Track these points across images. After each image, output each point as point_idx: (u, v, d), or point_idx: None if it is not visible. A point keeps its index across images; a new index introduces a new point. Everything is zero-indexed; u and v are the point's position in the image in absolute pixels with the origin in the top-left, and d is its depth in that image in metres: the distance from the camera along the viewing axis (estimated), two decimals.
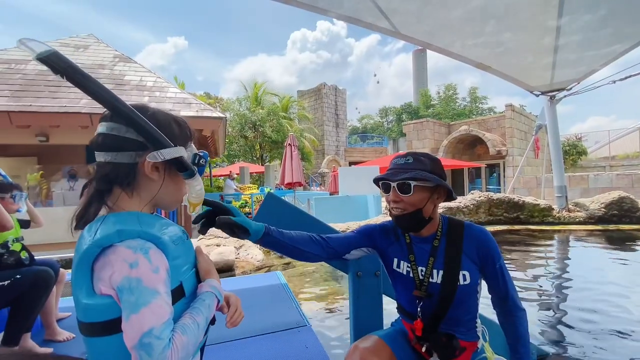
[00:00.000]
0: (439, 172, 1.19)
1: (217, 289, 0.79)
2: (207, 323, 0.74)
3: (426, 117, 22.54)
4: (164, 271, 0.68)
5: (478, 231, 1.23)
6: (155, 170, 0.74)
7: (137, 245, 0.66)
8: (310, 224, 1.72)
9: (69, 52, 8.30)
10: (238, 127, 16.41)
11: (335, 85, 26.42)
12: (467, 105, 37.11)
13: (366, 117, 50.84)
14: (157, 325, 0.61)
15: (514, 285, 1.23)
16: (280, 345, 2.25)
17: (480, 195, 7.81)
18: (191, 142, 0.81)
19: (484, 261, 1.19)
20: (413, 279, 1.23)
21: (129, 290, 0.62)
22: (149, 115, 0.75)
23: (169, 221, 0.79)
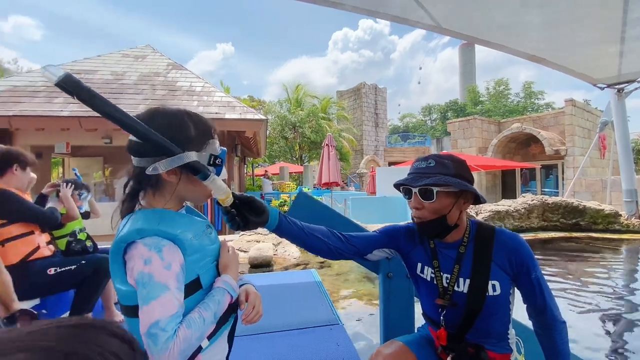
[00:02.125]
0: (465, 175, 1.10)
1: (229, 285, 0.82)
2: (216, 317, 0.77)
3: (475, 115, 21.33)
4: (177, 267, 0.73)
5: (510, 238, 1.12)
6: (173, 173, 0.79)
7: (152, 243, 0.72)
8: (340, 223, 1.73)
9: (129, 62, 9.13)
10: (278, 129, 16.88)
11: (375, 84, 25.99)
12: (520, 102, 34.49)
13: (408, 116, 49.46)
14: (164, 318, 0.68)
15: (552, 295, 1.13)
16: (312, 341, 2.29)
17: (532, 198, 7.23)
18: (211, 140, 0.82)
19: (518, 271, 1.09)
20: (437, 286, 1.17)
21: (142, 284, 0.70)
22: (161, 120, 0.79)
23: (192, 217, 0.85)
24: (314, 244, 1.15)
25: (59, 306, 2.26)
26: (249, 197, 0.99)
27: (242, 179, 12.10)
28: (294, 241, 1.14)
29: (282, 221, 1.07)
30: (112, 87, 7.87)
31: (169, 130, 0.77)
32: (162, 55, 9.86)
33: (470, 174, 1.14)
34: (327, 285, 4.15)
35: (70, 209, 2.38)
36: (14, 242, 2.04)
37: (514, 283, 1.13)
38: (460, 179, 1.08)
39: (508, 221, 7.25)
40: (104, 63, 8.84)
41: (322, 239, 1.15)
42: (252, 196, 1.01)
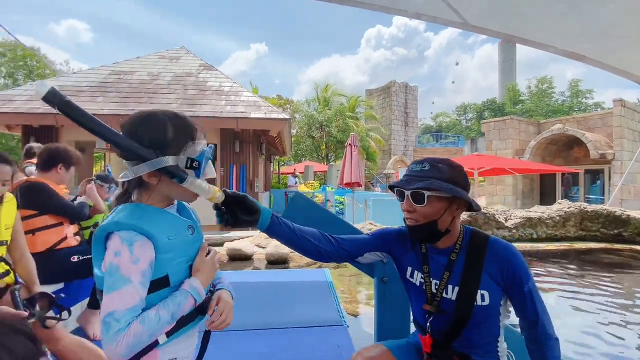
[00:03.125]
0: (459, 181, 1.08)
1: (195, 289, 0.82)
2: (173, 318, 0.78)
3: (513, 114, 20.22)
4: (144, 263, 0.75)
5: (503, 248, 1.09)
6: (153, 176, 0.81)
7: (126, 236, 0.75)
8: (335, 225, 1.73)
9: (165, 63, 9.63)
10: (305, 128, 17.01)
11: (405, 82, 25.37)
12: (566, 101, 32.21)
13: (441, 115, 47.85)
14: (120, 309, 0.70)
15: (546, 310, 1.08)
16: (312, 340, 2.30)
17: (569, 205, 6.74)
18: (190, 142, 0.82)
19: (509, 282, 1.06)
20: (425, 291, 1.15)
21: (108, 274, 0.74)
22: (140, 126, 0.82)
23: (176, 216, 0.88)
24: (304, 246, 1.16)
25: (80, 291, 2.44)
26: (240, 195, 1.00)
27: (268, 177, 12.35)
28: (285, 242, 1.15)
29: (274, 222, 1.08)
30: (148, 87, 8.33)
31: (148, 135, 0.80)
32: (195, 56, 10.29)
33: (465, 180, 1.11)
34: (341, 286, 4.14)
35: (96, 202, 2.57)
36: (44, 231, 2.22)
37: (505, 294, 1.09)
38: (453, 185, 1.06)
39: (541, 229, 6.82)
40: (142, 64, 9.38)
41: (312, 241, 1.16)
42: (245, 195, 1.02)
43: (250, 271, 4.74)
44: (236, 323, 2.73)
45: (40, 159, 2.25)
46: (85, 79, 8.35)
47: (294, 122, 18.52)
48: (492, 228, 6.84)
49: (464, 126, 43.69)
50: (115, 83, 8.30)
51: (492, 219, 6.84)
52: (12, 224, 1.71)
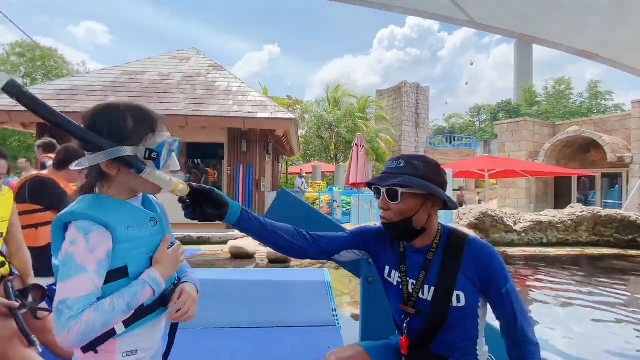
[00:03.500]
0: (434, 178, 1.06)
1: (153, 279, 0.82)
2: (129, 307, 0.77)
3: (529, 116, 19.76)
4: (101, 252, 0.76)
5: (481, 248, 1.06)
6: (112, 167, 0.81)
7: (82, 226, 0.76)
8: (320, 222, 1.71)
9: (175, 63, 9.79)
10: (314, 128, 17.02)
11: (417, 83, 25.08)
12: (584, 102, 31.28)
13: (454, 116, 47.14)
14: (73, 297, 0.71)
15: (525, 313, 1.05)
16: (303, 340, 2.29)
17: (582, 209, 6.53)
18: (151, 134, 0.82)
19: (486, 283, 1.04)
20: (402, 291, 1.14)
21: (63, 263, 0.74)
22: (101, 116, 0.82)
23: (136, 207, 0.88)
24: (277, 242, 1.14)
25: None
26: (207, 188, 0.98)
27: (276, 177, 12.41)
28: (256, 238, 1.14)
29: (243, 217, 1.06)
30: (158, 87, 8.49)
31: (108, 125, 0.81)
32: (205, 57, 10.44)
33: (441, 178, 1.09)
34: (341, 287, 4.11)
35: None
36: (47, 226, 2.27)
37: (482, 296, 1.07)
38: (427, 182, 1.04)
39: (551, 233, 6.63)
40: (153, 64, 9.57)
41: (285, 237, 1.14)
42: (212, 188, 1.01)
43: (250, 269, 4.76)
44: (228, 320, 2.74)
45: (57, 157, 2.31)
46: (98, 78, 8.57)
47: (303, 123, 18.55)
48: (500, 231, 6.68)
49: (478, 128, 42.97)
50: (127, 83, 8.49)
51: (500, 222, 6.68)
52: (9, 217, 1.76)
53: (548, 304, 3.84)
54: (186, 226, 6.90)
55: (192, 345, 2.14)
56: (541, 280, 4.75)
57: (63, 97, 7.46)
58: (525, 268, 5.40)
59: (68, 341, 0.71)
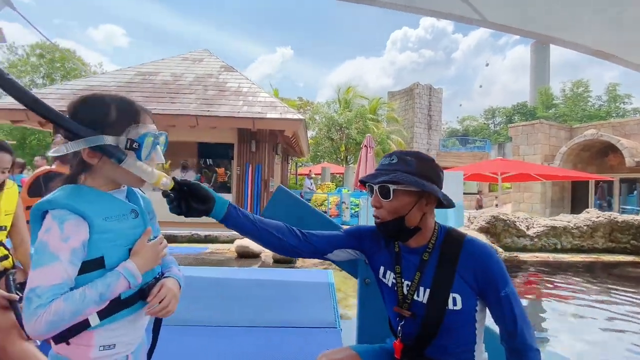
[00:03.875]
0: (428, 175, 1.02)
1: (128, 271, 0.80)
2: (102, 298, 0.76)
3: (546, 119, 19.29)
4: (75, 242, 0.75)
5: (479, 249, 1.02)
6: (94, 156, 0.80)
7: (57, 214, 0.75)
8: (317, 220, 1.69)
9: (188, 64, 9.94)
10: (325, 129, 17.02)
11: (429, 84, 24.77)
12: (603, 105, 30.36)
13: (468, 119, 46.39)
14: (43, 286, 0.70)
15: (526, 318, 1.00)
16: (302, 341, 2.27)
17: (598, 214, 6.31)
18: (134, 125, 0.82)
19: (484, 286, 0.99)
20: (397, 292, 1.10)
21: (36, 251, 0.74)
22: (85, 105, 0.82)
23: (116, 198, 0.87)
24: (266, 239, 1.12)
25: None
26: (192, 183, 0.97)
27: (285, 177, 12.44)
28: (245, 235, 1.11)
29: (230, 212, 1.03)
30: (170, 87, 8.64)
31: (91, 115, 0.81)
32: (217, 58, 10.57)
33: (436, 174, 1.05)
34: (346, 288, 4.07)
35: None
36: None
37: (480, 299, 1.03)
38: (421, 178, 1.00)
39: (566, 239, 6.42)
40: (166, 65, 9.74)
41: (275, 235, 1.11)
42: (197, 182, 0.99)
43: (255, 269, 4.77)
44: (229, 319, 2.73)
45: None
46: (112, 79, 8.77)
47: (314, 124, 18.56)
48: (512, 236, 6.51)
49: (492, 130, 42.18)
50: (140, 83, 8.66)
51: (512, 226, 6.51)
52: (13, 210, 1.79)
53: (561, 312, 3.71)
54: (194, 225, 6.98)
55: (193, 343, 2.15)
56: (554, 287, 4.60)
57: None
58: (537, 274, 5.25)
59: (35, 330, 0.70)
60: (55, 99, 7.58)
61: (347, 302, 3.65)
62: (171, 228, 6.26)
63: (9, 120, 7.84)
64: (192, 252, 5.70)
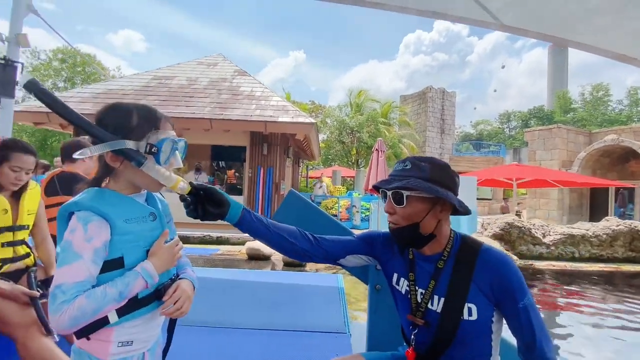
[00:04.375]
0: (443, 181, 1.00)
1: (146, 271, 0.84)
2: (121, 296, 0.80)
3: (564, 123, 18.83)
4: (98, 242, 0.79)
5: (496, 258, 1.00)
6: (117, 160, 0.85)
7: (82, 216, 0.80)
8: (328, 225, 1.69)
9: (202, 69, 10.14)
10: (336, 133, 17.04)
11: (442, 88, 24.49)
12: (623, 110, 29.42)
13: (482, 123, 45.63)
14: (68, 282, 0.74)
15: (545, 331, 0.97)
16: (311, 345, 2.27)
17: (618, 223, 6.10)
18: (154, 130, 0.86)
19: (501, 297, 0.97)
20: (410, 300, 1.08)
21: (62, 249, 0.79)
22: (110, 112, 0.88)
23: (137, 202, 0.91)
24: (279, 243, 1.13)
25: None
26: (209, 187, 0.99)
27: (295, 180, 12.50)
28: (258, 238, 1.13)
29: (244, 216, 1.05)
30: (186, 91, 8.81)
31: (115, 120, 0.86)
32: (231, 62, 10.74)
33: (451, 180, 1.03)
34: (356, 293, 4.05)
35: None
36: None
37: (497, 310, 1.00)
38: (434, 184, 0.99)
39: (584, 247, 6.23)
40: (182, 70, 9.95)
41: (288, 239, 1.13)
42: (213, 187, 1.02)
43: (265, 271, 4.79)
44: (238, 321, 2.75)
45: (63, 152, 2.43)
46: (130, 83, 9.02)
47: (325, 127, 18.60)
48: (528, 244, 6.36)
49: (507, 135, 41.38)
50: (157, 87, 8.88)
51: (527, 233, 6.36)
52: (35, 210, 1.86)
53: (578, 323, 3.59)
54: (206, 226, 7.08)
55: (202, 343, 2.18)
56: (571, 297, 4.46)
57: (98, 100, 7.90)
58: (553, 283, 5.10)
59: (59, 324, 0.74)
60: (76, 102, 7.83)
61: (357, 307, 3.63)
62: (184, 229, 6.36)
63: (32, 122, 8.14)
64: (204, 254, 5.78)
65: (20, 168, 1.65)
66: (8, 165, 1.63)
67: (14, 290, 1.55)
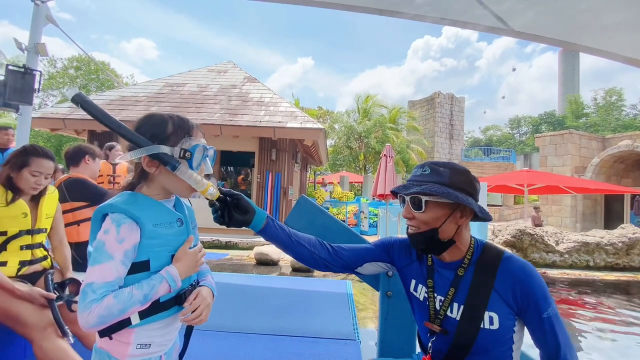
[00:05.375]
0: (462, 186, 0.99)
1: (170, 276, 0.87)
2: (146, 299, 0.82)
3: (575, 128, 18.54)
4: (128, 244, 0.82)
5: (519, 266, 0.97)
6: (153, 165, 0.89)
7: (116, 218, 0.83)
8: (340, 232, 1.69)
9: (213, 76, 10.30)
10: (344, 138, 17.06)
11: (451, 93, 24.40)
12: (638, 115, 28.82)
13: (492, 128, 45.19)
14: (98, 282, 0.77)
15: (570, 342, 0.95)
16: (321, 352, 2.25)
17: (634, 230, 5.94)
18: (187, 137, 0.91)
19: (524, 306, 0.95)
20: (428, 307, 1.07)
21: (95, 249, 0.82)
22: (146, 121, 0.92)
23: (166, 207, 0.94)
24: (300, 252, 1.13)
25: None
26: (236, 193, 1.01)
27: (303, 185, 12.52)
28: (280, 246, 1.14)
29: (268, 224, 1.07)
30: (196, 97, 8.95)
31: (151, 129, 0.90)
32: (241, 69, 10.88)
33: (471, 186, 1.01)
34: (364, 299, 4.02)
35: None
36: (88, 222, 2.45)
37: (519, 320, 0.98)
38: (454, 190, 0.98)
39: (599, 256, 6.07)
40: (192, 77, 10.12)
41: (308, 248, 1.14)
42: (240, 194, 1.04)
43: (271, 276, 4.79)
44: (248, 326, 2.76)
45: (67, 158, 2.48)
46: (143, 90, 9.20)
47: (333, 133, 18.64)
48: (540, 251, 6.23)
49: (517, 140, 40.84)
50: (169, 94, 9.04)
51: (539, 241, 6.23)
52: (53, 214, 1.90)
53: (593, 334, 3.50)
54: (215, 230, 7.12)
55: (211, 348, 2.18)
56: (586, 307, 4.35)
57: (112, 107, 8.08)
58: (567, 292, 4.98)
59: (87, 321, 0.76)
60: None
61: (365, 313, 3.60)
62: None
63: (49, 128, 8.35)
64: (213, 258, 5.80)
65: (40, 173, 1.70)
66: (28, 170, 1.68)
67: (32, 292, 1.59)
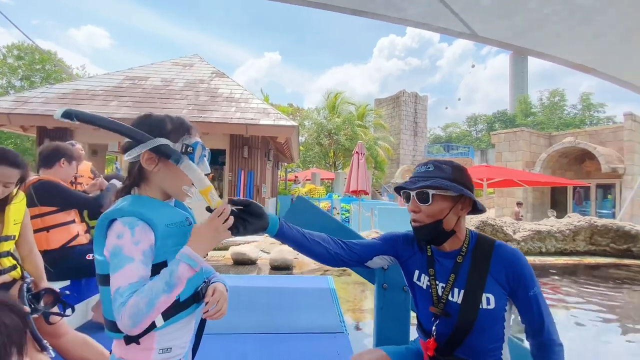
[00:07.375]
0: (463, 181, 1.11)
1: (186, 256, 0.80)
2: (169, 285, 0.78)
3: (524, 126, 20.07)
4: (145, 245, 0.81)
5: (509, 252, 1.11)
6: (152, 162, 0.87)
7: (127, 221, 0.81)
8: (338, 230, 1.75)
9: (178, 69, 9.86)
10: (314, 135, 17.16)
11: (415, 92, 25.44)
12: (577, 114, 31.85)
13: (452, 126, 47.61)
14: (123, 285, 0.76)
15: (551, 316, 1.09)
16: (312, 346, 2.31)
17: (579, 219, 6.63)
18: (187, 135, 0.90)
19: (515, 286, 1.07)
20: (431, 294, 1.16)
21: (113, 255, 0.80)
22: (145, 120, 0.91)
23: (174, 207, 0.94)
24: (315, 250, 1.15)
25: (89, 288, 2.50)
26: (248, 200, 0.98)
27: (275, 183, 12.44)
28: (295, 246, 1.15)
29: (283, 226, 1.08)
30: (161, 92, 8.54)
31: (150, 127, 0.88)
32: (208, 63, 10.52)
33: (469, 181, 1.14)
34: (345, 294, 4.14)
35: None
36: (57, 229, 2.28)
37: (510, 299, 1.11)
38: (457, 184, 1.09)
39: (550, 242, 6.71)
40: (156, 70, 9.62)
41: (323, 244, 1.17)
42: (253, 201, 1.01)
43: (253, 276, 4.76)
44: (236, 326, 2.74)
45: (41, 156, 2.27)
46: (100, 83, 8.59)
47: (303, 129, 18.65)
48: (500, 240, 6.74)
49: (475, 137, 43.42)
50: (130, 88, 8.52)
51: (500, 230, 6.76)
52: (21, 220, 1.75)
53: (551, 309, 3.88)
54: None
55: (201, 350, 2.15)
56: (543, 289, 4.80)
57: (66, 101, 7.48)
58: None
59: (124, 326, 0.75)
60: (41, 103, 7.37)
61: (347, 307, 3.72)
62: None
63: None
64: None
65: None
66: None
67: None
